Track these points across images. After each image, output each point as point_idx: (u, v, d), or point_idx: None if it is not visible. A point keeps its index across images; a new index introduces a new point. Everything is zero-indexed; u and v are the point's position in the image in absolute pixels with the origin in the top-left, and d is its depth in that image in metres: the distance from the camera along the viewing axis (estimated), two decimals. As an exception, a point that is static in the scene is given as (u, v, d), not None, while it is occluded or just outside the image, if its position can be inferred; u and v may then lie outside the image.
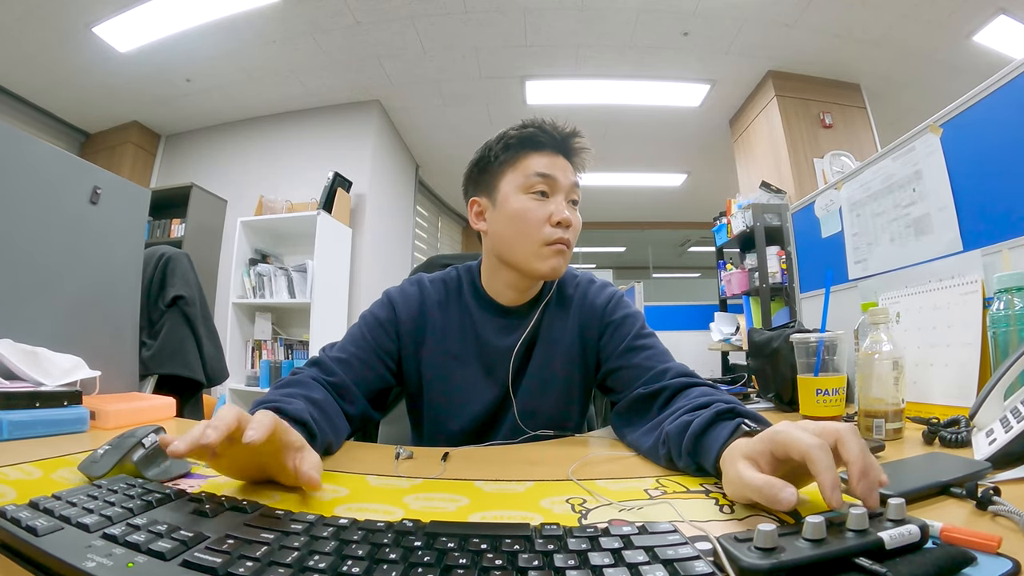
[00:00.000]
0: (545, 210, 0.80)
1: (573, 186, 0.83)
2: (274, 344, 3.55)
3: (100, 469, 0.50)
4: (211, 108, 4.09)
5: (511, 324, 0.87)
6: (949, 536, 0.33)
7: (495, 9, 3.07)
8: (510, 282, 0.86)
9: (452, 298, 0.89)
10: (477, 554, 0.31)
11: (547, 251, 0.80)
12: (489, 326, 0.87)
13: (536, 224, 0.79)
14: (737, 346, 3.40)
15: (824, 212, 1.46)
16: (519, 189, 0.81)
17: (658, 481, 0.54)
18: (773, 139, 3.62)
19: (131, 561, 0.30)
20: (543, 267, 0.80)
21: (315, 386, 0.72)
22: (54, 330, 1.00)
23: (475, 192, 0.89)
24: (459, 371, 0.85)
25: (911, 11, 2.95)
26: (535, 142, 0.82)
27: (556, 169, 0.81)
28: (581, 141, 0.84)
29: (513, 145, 0.83)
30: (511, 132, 0.83)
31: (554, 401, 0.87)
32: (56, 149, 1.08)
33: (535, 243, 0.80)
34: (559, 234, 0.79)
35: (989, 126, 0.95)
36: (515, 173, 0.82)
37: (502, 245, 0.83)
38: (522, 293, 0.87)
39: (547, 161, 0.81)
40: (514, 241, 0.81)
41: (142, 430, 0.54)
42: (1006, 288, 0.75)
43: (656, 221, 7.02)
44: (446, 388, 0.86)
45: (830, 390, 0.83)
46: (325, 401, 0.70)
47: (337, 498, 0.48)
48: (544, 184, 0.80)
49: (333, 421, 0.69)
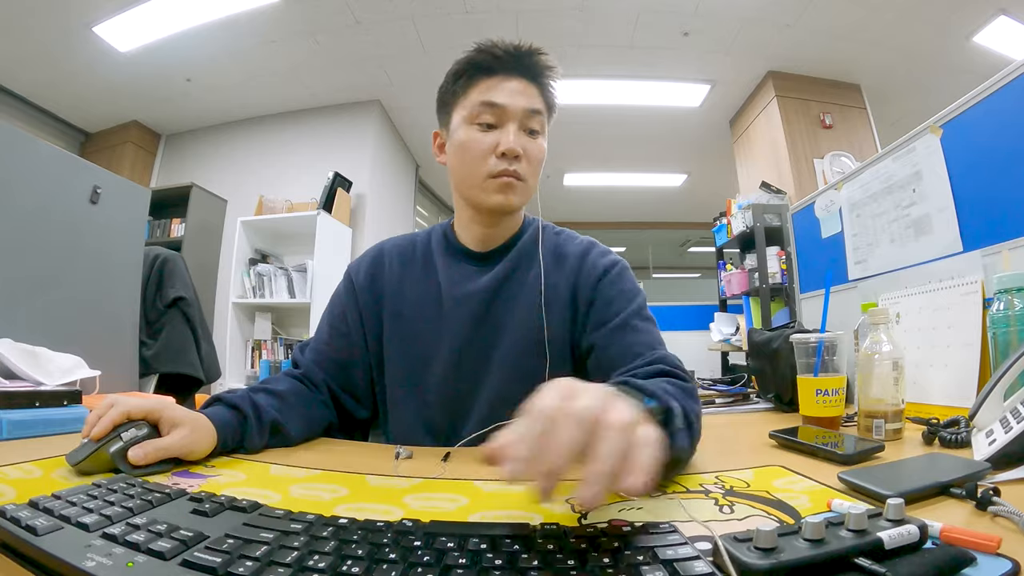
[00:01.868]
0: (489, 141, 0.73)
1: (528, 112, 0.75)
2: (274, 344, 3.55)
3: (77, 457, 0.51)
4: (211, 108, 4.09)
5: (479, 269, 0.80)
6: (949, 536, 0.33)
7: (495, 9, 3.08)
8: (470, 219, 0.80)
9: (419, 252, 0.84)
10: (477, 554, 0.31)
11: (492, 184, 0.74)
12: (453, 271, 0.80)
13: (479, 156, 0.73)
14: (737, 346, 3.40)
15: (824, 213, 1.46)
16: (465, 120, 0.75)
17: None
18: (773, 139, 3.62)
19: (131, 561, 0.30)
20: (489, 201, 0.75)
21: (282, 379, 0.75)
22: (54, 330, 1.00)
23: (440, 124, 0.83)
24: (418, 326, 0.78)
25: (911, 12, 2.95)
26: (483, 66, 0.75)
27: (504, 95, 0.74)
28: (544, 58, 0.77)
29: (464, 71, 0.76)
30: (463, 57, 0.77)
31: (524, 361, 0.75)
32: (56, 149, 1.09)
33: (479, 176, 0.74)
34: (503, 166, 0.73)
35: (989, 126, 0.95)
36: (464, 102, 0.76)
37: (455, 180, 0.79)
38: (487, 233, 0.81)
39: (496, 87, 0.74)
40: (463, 175, 0.76)
41: (124, 425, 0.54)
42: (1006, 289, 0.75)
43: (656, 221, 7.02)
44: (406, 347, 0.79)
45: (830, 390, 0.83)
46: (288, 391, 0.72)
47: (337, 498, 0.48)
48: (490, 113, 0.74)
49: (294, 407, 0.71)
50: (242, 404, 0.65)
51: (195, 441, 0.57)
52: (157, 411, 0.57)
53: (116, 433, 0.53)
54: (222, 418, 0.62)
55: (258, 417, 0.65)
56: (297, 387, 0.76)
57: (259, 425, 0.65)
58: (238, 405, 0.65)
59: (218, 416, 0.62)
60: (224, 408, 0.64)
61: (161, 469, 0.54)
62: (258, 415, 0.65)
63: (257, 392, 0.70)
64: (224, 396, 0.67)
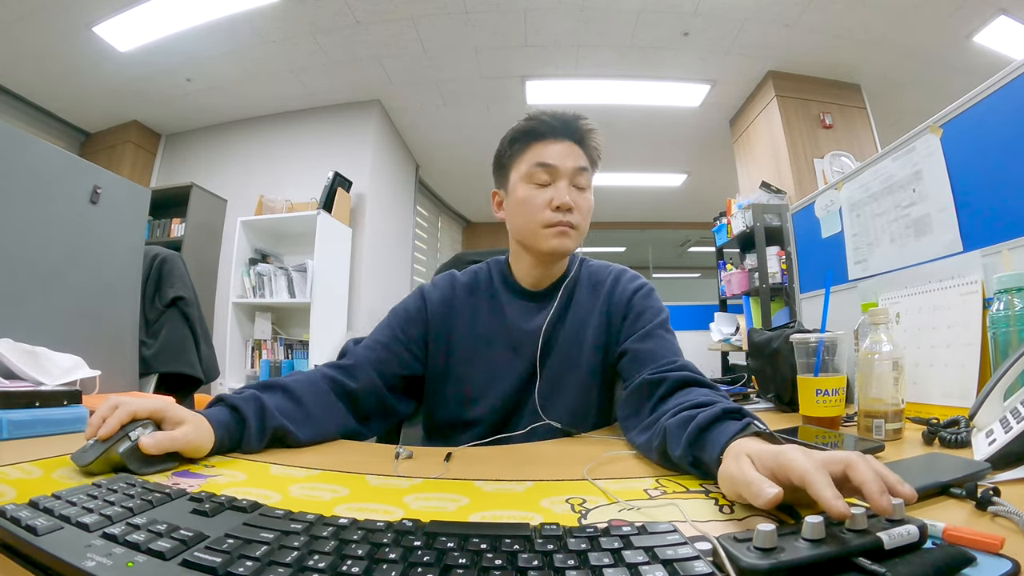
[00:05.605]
0: (545, 196, 0.85)
1: (576, 170, 0.87)
2: (274, 344, 3.55)
3: (86, 459, 0.51)
4: (211, 108, 4.09)
5: (537, 306, 0.92)
6: (952, 536, 0.33)
7: (495, 9, 3.08)
8: (530, 264, 0.92)
9: (482, 286, 0.95)
10: (477, 554, 0.31)
11: (548, 232, 0.85)
12: (516, 308, 0.92)
13: (537, 210, 0.86)
14: (737, 346, 3.40)
15: (824, 212, 1.46)
16: (523, 179, 0.87)
17: (658, 481, 0.54)
18: (773, 139, 3.62)
19: (131, 560, 0.30)
20: (546, 246, 0.86)
21: (308, 378, 0.78)
22: (54, 330, 1.00)
23: (496, 184, 0.96)
24: (487, 352, 0.90)
25: (911, 11, 2.95)
26: (537, 133, 0.87)
27: (555, 157, 0.86)
28: (585, 123, 0.88)
29: (518, 138, 0.89)
30: (517, 126, 0.90)
31: (577, 385, 0.89)
32: (56, 149, 1.09)
33: (537, 225, 0.86)
34: (558, 217, 0.85)
35: (989, 126, 0.95)
36: (521, 165, 0.88)
37: (515, 230, 0.91)
38: (544, 274, 0.93)
39: (549, 149, 0.86)
40: (522, 226, 0.88)
41: (129, 425, 0.55)
42: (1006, 289, 0.75)
43: (656, 221, 7.02)
44: (474, 369, 0.90)
45: (830, 390, 0.83)
46: (306, 392, 0.74)
47: (337, 498, 0.48)
48: (544, 172, 0.86)
49: (307, 411, 0.72)
50: (244, 406, 0.65)
51: (198, 438, 0.58)
52: (161, 411, 0.58)
53: (124, 433, 0.53)
54: (220, 419, 0.62)
55: (260, 421, 0.65)
56: (320, 388, 0.77)
57: (259, 429, 0.65)
58: (239, 407, 0.65)
59: (216, 417, 0.62)
60: (224, 409, 0.65)
61: (167, 467, 0.54)
62: (261, 418, 0.65)
63: (272, 391, 0.71)
64: (227, 396, 0.67)
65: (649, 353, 0.81)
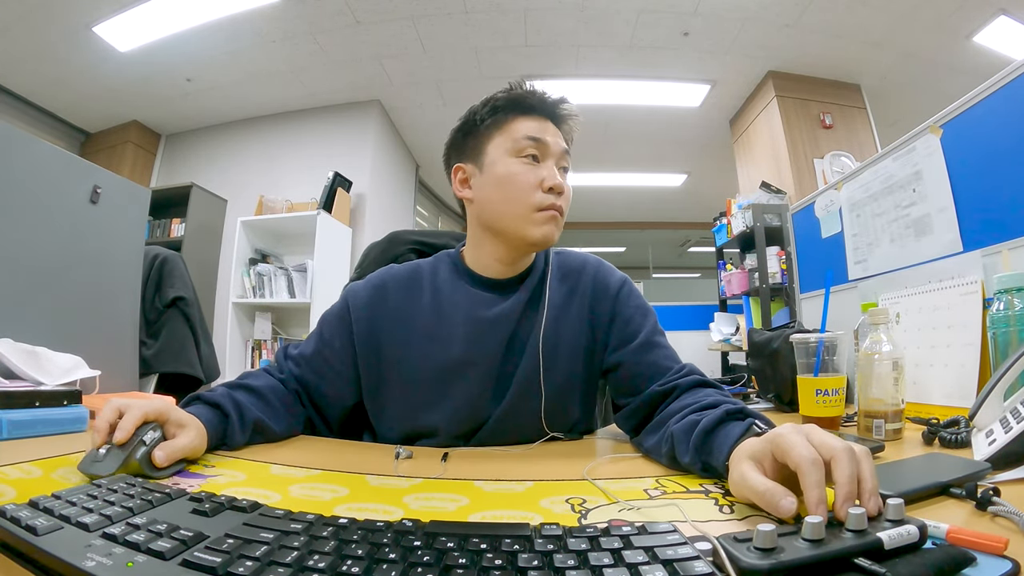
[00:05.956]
0: (536, 175, 0.76)
1: (563, 152, 0.80)
2: (274, 344, 3.55)
3: (106, 468, 0.50)
4: (211, 108, 4.09)
5: (498, 296, 0.81)
6: (956, 537, 0.33)
7: (495, 9, 3.08)
8: (497, 253, 0.81)
9: (426, 277, 0.84)
10: (477, 554, 0.31)
11: (539, 217, 0.75)
12: (471, 298, 0.80)
13: (527, 189, 0.75)
14: (737, 346, 3.40)
15: (824, 212, 1.46)
16: (508, 153, 0.77)
17: (658, 481, 0.54)
18: (773, 139, 3.62)
19: (131, 560, 0.30)
20: (535, 233, 0.76)
21: (261, 376, 0.77)
22: (54, 330, 1.00)
23: (459, 158, 0.83)
24: (432, 349, 0.78)
25: (911, 12, 2.95)
26: (524, 105, 0.79)
27: (546, 133, 0.78)
28: (569, 107, 0.82)
29: (501, 108, 0.79)
30: (498, 95, 0.80)
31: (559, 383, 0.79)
32: (56, 149, 1.09)
33: (526, 208, 0.75)
34: (551, 200, 0.76)
35: (989, 127, 0.95)
36: (503, 136, 0.78)
37: (490, 212, 0.79)
38: (510, 265, 0.82)
39: (536, 125, 0.78)
40: (503, 207, 0.77)
41: (142, 429, 0.54)
42: (1006, 289, 0.75)
43: (656, 221, 7.02)
44: (419, 372, 0.78)
45: (830, 390, 0.83)
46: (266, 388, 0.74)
47: (337, 498, 0.48)
48: (535, 148, 0.77)
49: (274, 406, 0.73)
50: (223, 402, 0.66)
51: (201, 442, 0.59)
52: (165, 413, 0.58)
53: (139, 438, 0.53)
54: (208, 418, 0.63)
55: (240, 416, 0.66)
56: (275, 384, 0.77)
57: (241, 424, 0.66)
58: (219, 403, 0.65)
59: (205, 416, 0.63)
60: (205, 407, 0.65)
61: (177, 469, 0.55)
62: (240, 414, 0.66)
63: (236, 389, 0.71)
64: (203, 395, 0.67)
65: (652, 366, 0.76)
